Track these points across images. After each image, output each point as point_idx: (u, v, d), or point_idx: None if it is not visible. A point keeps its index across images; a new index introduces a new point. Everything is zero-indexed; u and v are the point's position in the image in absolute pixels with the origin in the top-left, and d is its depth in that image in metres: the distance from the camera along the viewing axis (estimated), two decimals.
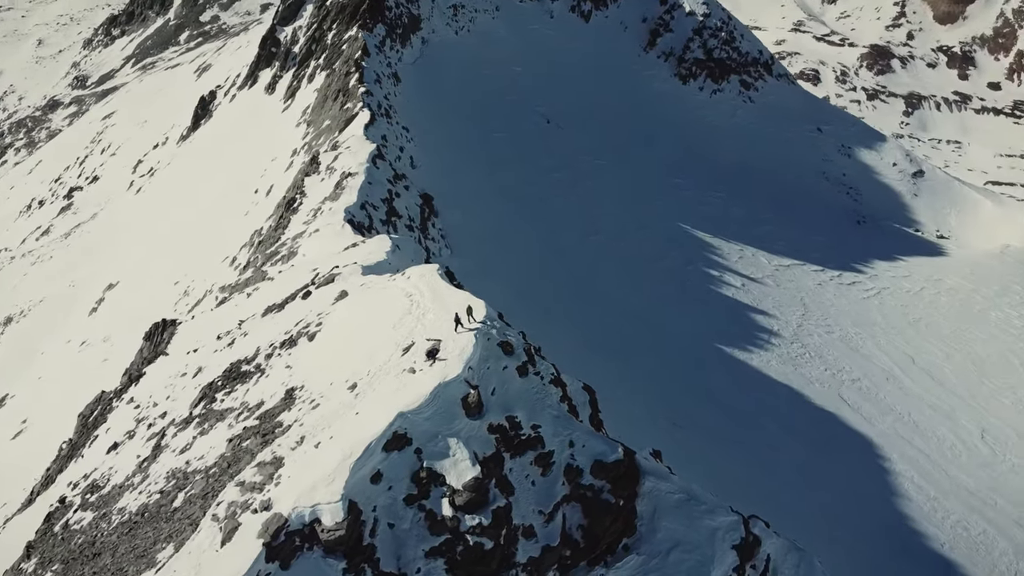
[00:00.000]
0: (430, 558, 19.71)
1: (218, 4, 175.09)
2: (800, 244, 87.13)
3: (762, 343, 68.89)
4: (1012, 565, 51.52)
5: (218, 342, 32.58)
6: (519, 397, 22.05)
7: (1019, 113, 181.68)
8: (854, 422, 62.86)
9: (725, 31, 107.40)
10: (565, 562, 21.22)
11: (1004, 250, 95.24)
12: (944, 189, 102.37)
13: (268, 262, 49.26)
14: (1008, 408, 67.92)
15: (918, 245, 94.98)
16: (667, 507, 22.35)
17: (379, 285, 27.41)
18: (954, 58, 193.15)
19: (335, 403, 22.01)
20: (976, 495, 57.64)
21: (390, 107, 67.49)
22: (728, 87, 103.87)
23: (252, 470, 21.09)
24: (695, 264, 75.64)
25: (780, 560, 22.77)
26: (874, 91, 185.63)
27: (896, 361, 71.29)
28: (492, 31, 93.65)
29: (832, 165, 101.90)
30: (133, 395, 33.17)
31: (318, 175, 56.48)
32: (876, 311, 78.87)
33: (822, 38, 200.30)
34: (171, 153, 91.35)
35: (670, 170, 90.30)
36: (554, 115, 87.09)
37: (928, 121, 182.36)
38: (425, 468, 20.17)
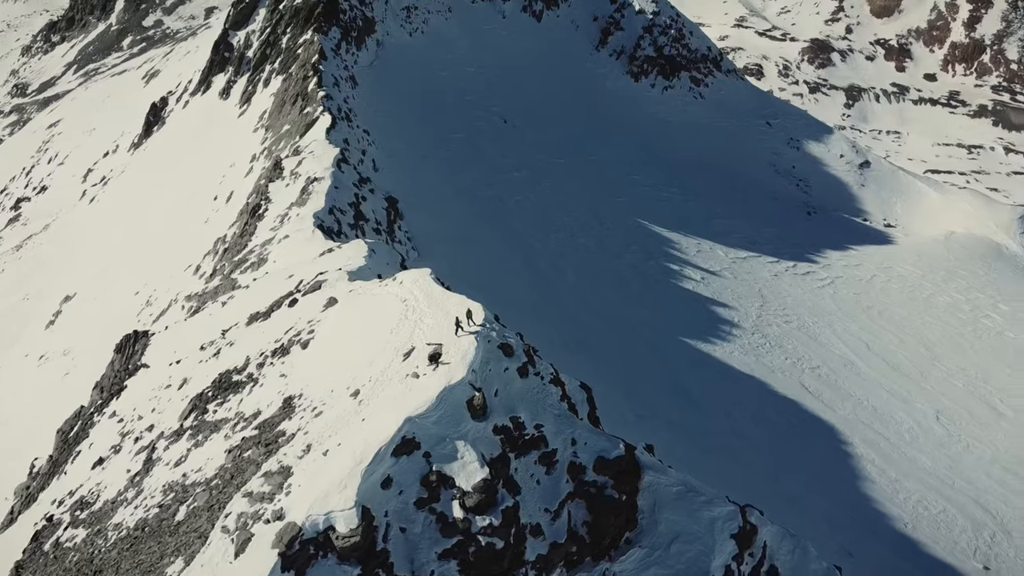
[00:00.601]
0: (443, 560, 20.05)
1: (161, 8, 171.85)
2: (754, 236, 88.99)
3: (724, 335, 70.26)
4: (972, 542, 53.35)
5: (202, 352, 32.37)
6: (521, 398, 22.51)
7: (954, 103, 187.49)
8: (816, 409, 64.47)
9: (674, 28, 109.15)
10: (572, 558, 21.76)
11: (948, 237, 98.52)
12: (889, 179, 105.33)
13: (236, 270, 48.90)
14: (960, 390, 70.34)
15: (867, 234, 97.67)
16: (666, 500, 23.03)
17: (371, 291, 27.57)
18: (891, 51, 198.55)
19: (339, 410, 22.18)
20: (934, 475, 59.58)
21: (350, 110, 67.32)
22: (679, 84, 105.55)
23: (259, 480, 21.18)
24: (655, 259, 76.80)
25: (776, 547, 23.65)
26: (816, 84, 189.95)
27: (852, 348, 73.26)
28: (445, 32, 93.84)
29: (782, 158, 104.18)
30: (115, 409, 32.79)
31: (282, 180, 56.15)
32: (831, 300, 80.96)
33: (764, 33, 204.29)
34: (123, 161, 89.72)
35: (626, 167, 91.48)
36: (510, 115, 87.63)
37: (868, 112, 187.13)
38: (435, 471, 20.49)
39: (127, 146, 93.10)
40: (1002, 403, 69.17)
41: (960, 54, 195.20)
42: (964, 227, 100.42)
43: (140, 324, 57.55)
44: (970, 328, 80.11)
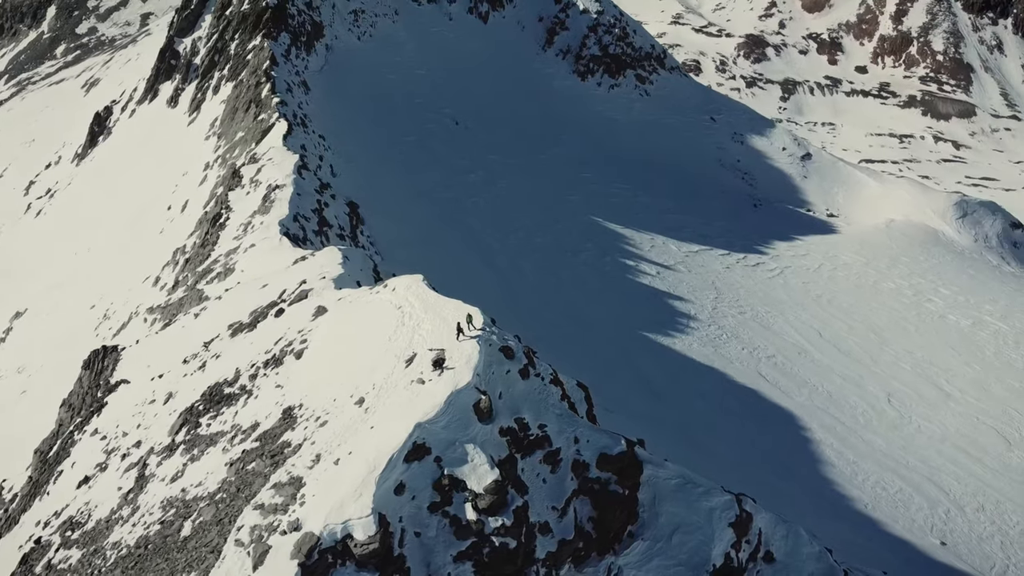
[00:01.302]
0: (458, 562, 20.44)
1: (95, 16, 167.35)
2: (705, 230, 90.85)
3: (682, 327, 71.70)
4: (928, 519, 55.32)
5: (185, 366, 32.11)
6: (524, 399, 23.02)
7: (885, 94, 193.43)
8: (774, 396, 66.19)
9: (619, 27, 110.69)
10: (579, 554, 22.37)
11: (889, 224, 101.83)
12: (830, 170, 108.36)
13: (202, 280, 48.44)
14: (908, 372, 72.83)
15: (811, 224, 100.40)
16: (666, 492, 23.80)
17: (362, 299, 27.74)
18: (823, 44, 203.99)
19: (345, 419, 22.40)
20: (889, 456, 61.61)
21: (305, 116, 66.97)
22: (625, 82, 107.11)
23: (269, 492, 21.29)
24: (611, 255, 77.93)
25: (770, 533, 24.62)
26: (752, 79, 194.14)
27: (805, 336, 75.32)
28: (393, 35, 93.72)
29: (727, 152, 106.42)
30: (97, 426, 32.35)
31: (242, 189, 55.69)
32: (781, 290, 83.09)
33: (700, 30, 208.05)
34: (69, 173, 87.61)
35: (577, 165, 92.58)
36: (462, 116, 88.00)
37: (803, 105, 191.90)
38: (446, 475, 20.86)
39: (70, 157, 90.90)
40: (948, 384, 71.75)
41: (889, 47, 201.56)
42: (903, 215, 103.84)
43: (100, 339, 56.55)
44: (914, 312, 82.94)
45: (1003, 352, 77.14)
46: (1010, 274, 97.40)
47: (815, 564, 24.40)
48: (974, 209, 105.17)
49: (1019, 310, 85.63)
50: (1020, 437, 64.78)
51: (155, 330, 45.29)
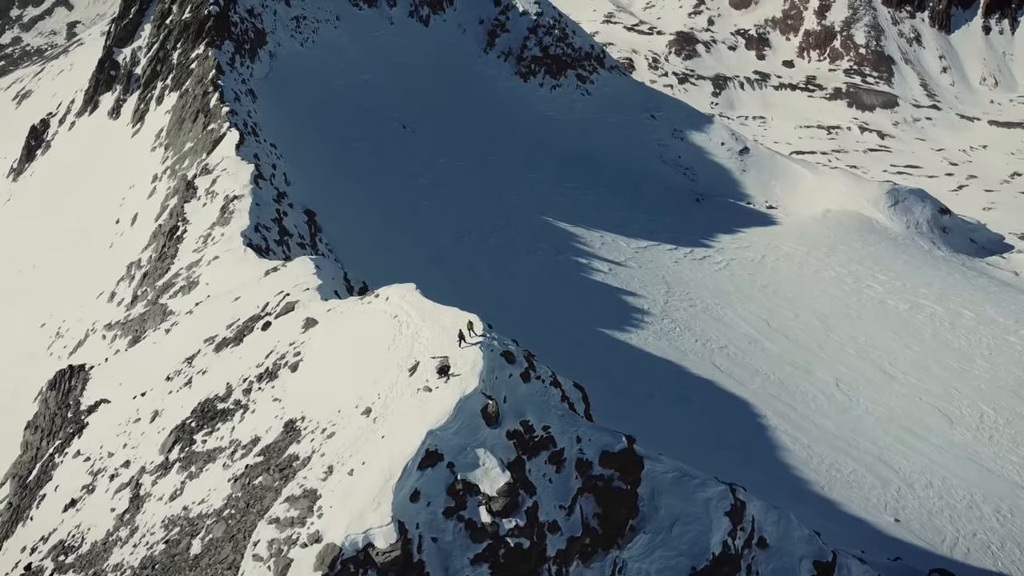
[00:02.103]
0: (476, 565, 20.94)
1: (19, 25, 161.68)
2: (651, 225, 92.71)
3: (637, 322, 73.15)
4: (881, 497, 57.55)
5: (169, 383, 31.86)
6: (527, 401, 23.64)
7: (812, 87, 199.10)
8: (729, 386, 68.02)
9: (558, 28, 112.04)
10: (586, 549, 23.12)
11: (825, 214, 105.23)
12: (768, 163, 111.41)
13: (164, 294, 47.86)
14: (853, 357, 75.47)
15: (752, 217, 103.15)
16: (664, 486, 24.71)
17: (354, 309, 27.95)
18: (751, 40, 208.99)
19: (353, 429, 22.70)
20: (841, 438, 63.82)
21: (255, 125, 66.36)
22: (566, 82, 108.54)
23: (283, 506, 21.50)
24: (564, 254, 79.03)
25: (763, 519, 25.75)
26: (684, 75, 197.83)
27: (754, 326, 77.48)
28: (336, 40, 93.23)
29: (668, 149, 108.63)
30: (79, 448, 31.88)
31: (198, 200, 55.05)
32: (728, 281, 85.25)
33: (632, 28, 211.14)
34: (7, 189, 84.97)
35: (524, 165, 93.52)
36: (408, 120, 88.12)
37: (734, 100, 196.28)
38: (460, 480, 21.35)
39: (6, 171, 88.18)
40: (891, 366, 74.57)
41: (814, 41, 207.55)
42: (838, 205, 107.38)
43: (55, 358, 55.40)
44: (855, 299, 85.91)
45: (940, 334, 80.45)
46: (941, 258, 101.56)
47: (805, 547, 25.60)
48: (905, 197, 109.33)
49: (952, 293, 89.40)
50: (961, 415, 67.62)
51: (121, 347, 44.62)
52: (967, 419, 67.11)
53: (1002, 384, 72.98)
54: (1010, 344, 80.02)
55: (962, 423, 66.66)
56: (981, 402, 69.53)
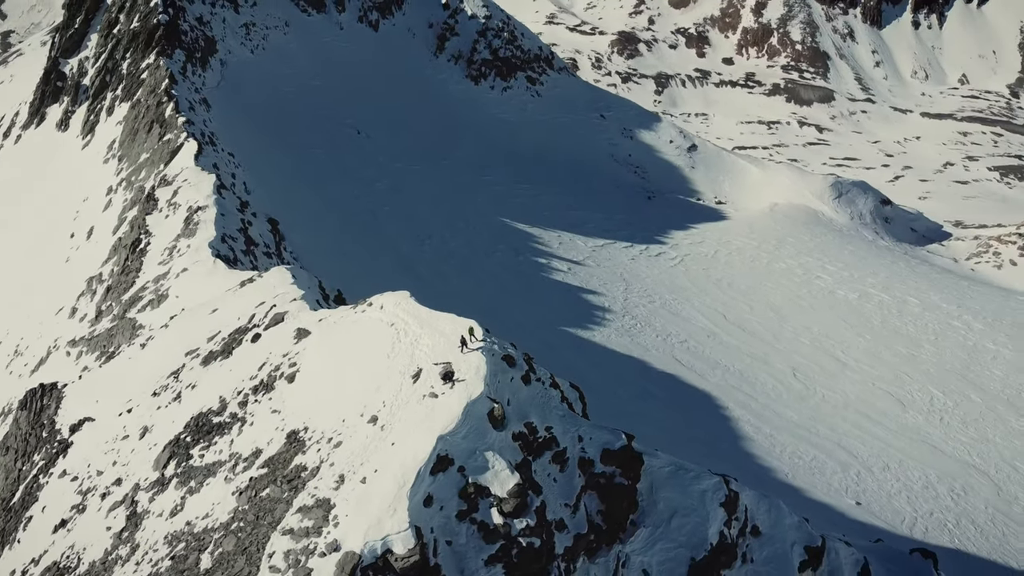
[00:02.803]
0: (490, 566, 21.44)
1: None
2: (607, 224, 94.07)
3: (599, 320, 74.25)
4: (842, 481, 59.36)
5: (157, 398, 31.65)
6: (529, 403, 24.23)
7: (751, 84, 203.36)
8: (691, 379, 69.48)
9: (507, 31, 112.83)
10: (591, 545, 23.81)
11: (773, 208, 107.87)
12: (715, 160, 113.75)
13: (132, 309, 47.32)
14: (808, 346, 77.61)
15: (703, 213, 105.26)
16: (661, 480, 25.53)
17: (348, 318, 28.17)
18: (691, 39, 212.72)
19: (360, 437, 23.00)
20: (801, 426, 65.63)
21: (212, 134, 65.71)
22: (516, 84, 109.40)
23: (296, 517, 21.74)
24: (524, 255, 79.77)
25: (755, 508, 26.76)
26: (627, 74, 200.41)
27: (712, 320, 79.17)
28: (285, 47, 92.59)
29: (618, 148, 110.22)
30: (64, 467, 31.49)
31: (160, 212, 54.44)
32: (684, 277, 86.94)
33: (575, 28, 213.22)
34: None
35: (478, 168, 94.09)
36: (363, 125, 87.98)
37: (677, 97, 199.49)
38: (471, 483, 21.84)
39: None
40: (844, 354, 76.85)
41: (751, 38, 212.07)
42: (785, 198, 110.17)
43: (16, 376, 54.28)
44: (806, 289, 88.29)
45: (889, 321, 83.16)
46: (885, 248, 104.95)
47: (796, 533, 26.67)
48: (848, 189, 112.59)
49: (898, 281, 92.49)
50: (912, 399, 69.99)
51: (90, 363, 44.03)
52: (918, 403, 69.45)
53: (949, 367, 75.76)
54: (954, 328, 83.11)
55: (914, 407, 68.95)
56: (930, 385, 72.08)
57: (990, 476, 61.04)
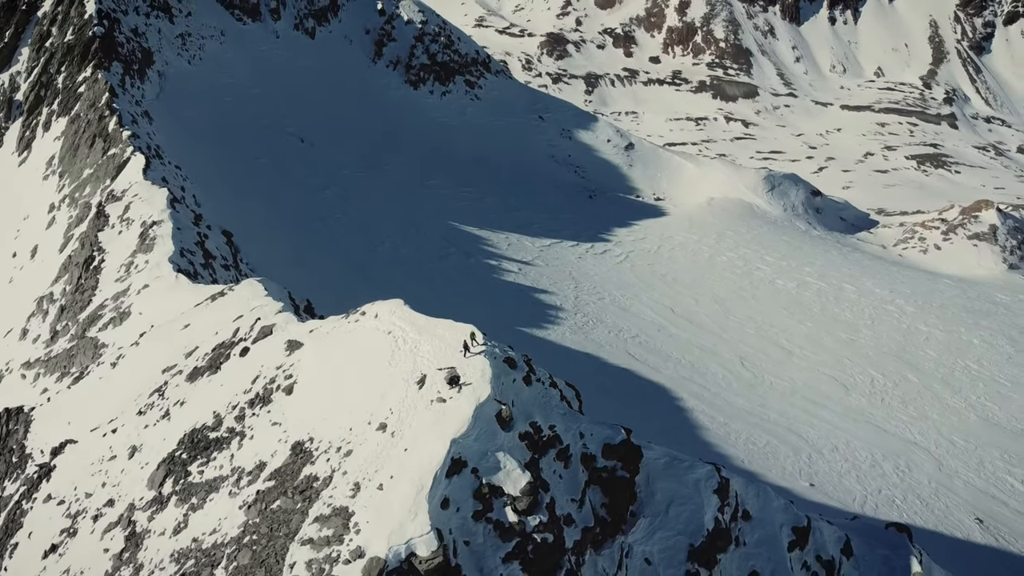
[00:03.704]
0: (507, 563, 22.14)
1: None
2: (551, 224, 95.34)
3: (552, 319, 75.34)
4: (795, 464, 61.48)
5: (143, 417, 31.37)
6: (532, 403, 25.00)
7: (678, 81, 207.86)
8: (645, 373, 71.01)
9: (443, 35, 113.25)
10: (597, 538, 24.71)
11: (710, 203, 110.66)
12: (652, 157, 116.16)
13: (92, 327, 46.55)
14: (753, 336, 79.99)
15: (643, 210, 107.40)
16: (657, 471, 26.59)
17: (341, 328, 28.42)
18: (618, 39, 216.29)
19: (372, 445, 23.42)
20: (752, 413, 67.66)
21: (157, 147, 64.65)
22: (455, 88, 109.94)
23: (314, 526, 22.10)
24: (474, 257, 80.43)
25: (744, 494, 28.02)
26: (557, 75, 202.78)
27: (660, 314, 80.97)
28: (222, 56, 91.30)
29: (558, 149, 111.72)
30: (49, 492, 30.99)
31: (112, 228, 53.50)
32: (630, 273, 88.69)
33: (504, 31, 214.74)
34: None
35: (423, 173, 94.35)
36: (306, 134, 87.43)
37: (607, 97, 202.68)
38: (485, 484, 22.51)
39: None
40: (788, 342, 79.46)
41: (677, 37, 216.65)
42: (720, 192, 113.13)
43: None
44: (747, 281, 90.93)
45: (827, 308, 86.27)
46: (818, 237, 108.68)
47: (783, 515, 28.04)
48: (780, 182, 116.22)
49: (832, 269, 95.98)
50: (854, 382, 72.79)
51: (49, 385, 43.19)
52: (860, 385, 72.23)
53: (886, 350, 78.99)
54: (888, 312, 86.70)
55: (856, 389, 71.65)
56: (870, 368, 75.03)
57: (931, 452, 63.80)
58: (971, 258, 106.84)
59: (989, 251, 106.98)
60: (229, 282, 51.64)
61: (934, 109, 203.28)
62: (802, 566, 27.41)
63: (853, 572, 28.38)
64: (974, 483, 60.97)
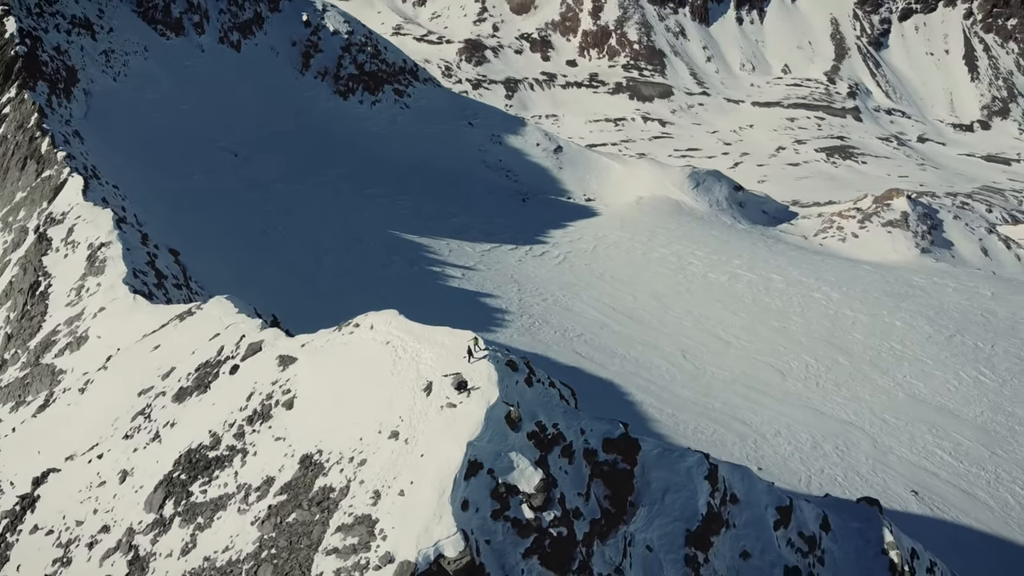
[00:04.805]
0: (527, 558, 23.08)
1: None
2: (489, 228, 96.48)
3: (500, 322, 76.39)
4: (742, 451, 63.79)
5: (130, 441, 31.08)
6: (535, 404, 25.98)
7: (595, 83, 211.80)
8: (593, 370, 72.62)
9: (370, 45, 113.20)
10: (603, 529, 25.90)
11: (639, 201, 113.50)
12: (580, 159, 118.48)
13: (45, 354, 45.60)
14: (692, 328, 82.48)
15: (575, 211, 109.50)
16: (652, 461, 27.91)
17: (336, 341, 28.79)
18: (535, 43, 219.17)
19: (386, 453, 24.02)
20: (698, 404, 69.82)
21: (93, 167, 63.22)
22: (384, 97, 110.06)
23: (337, 536, 22.63)
24: (418, 264, 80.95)
25: (731, 478, 29.57)
26: (477, 81, 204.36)
27: (602, 312, 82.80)
28: (147, 72, 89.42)
29: (488, 154, 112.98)
30: (36, 523, 30.44)
31: (57, 252, 52.31)
32: (569, 273, 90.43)
33: (422, 38, 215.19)
34: None
35: (359, 183, 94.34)
36: (239, 147, 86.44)
37: (527, 101, 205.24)
38: (501, 484, 23.43)
39: None
40: (725, 333, 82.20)
41: (592, 40, 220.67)
42: (648, 191, 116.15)
43: None
44: (681, 275, 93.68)
45: (759, 298, 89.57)
46: (743, 231, 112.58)
47: (767, 497, 29.68)
48: (704, 178, 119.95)
49: (760, 261, 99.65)
50: (790, 368, 75.78)
51: (6, 415, 42.14)
52: (795, 371, 75.21)
53: (816, 336, 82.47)
54: (815, 300, 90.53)
55: (792, 375, 74.57)
56: (803, 354, 78.22)
57: (866, 430, 66.97)
58: (886, 244, 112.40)
59: (903, 237, 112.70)
60: (181, 301, 51.19)
61: (839, 103, 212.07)
62: (787, 543, 29.08)
63: (832, 545, 30.23)
64: (907, 457, 64.16)
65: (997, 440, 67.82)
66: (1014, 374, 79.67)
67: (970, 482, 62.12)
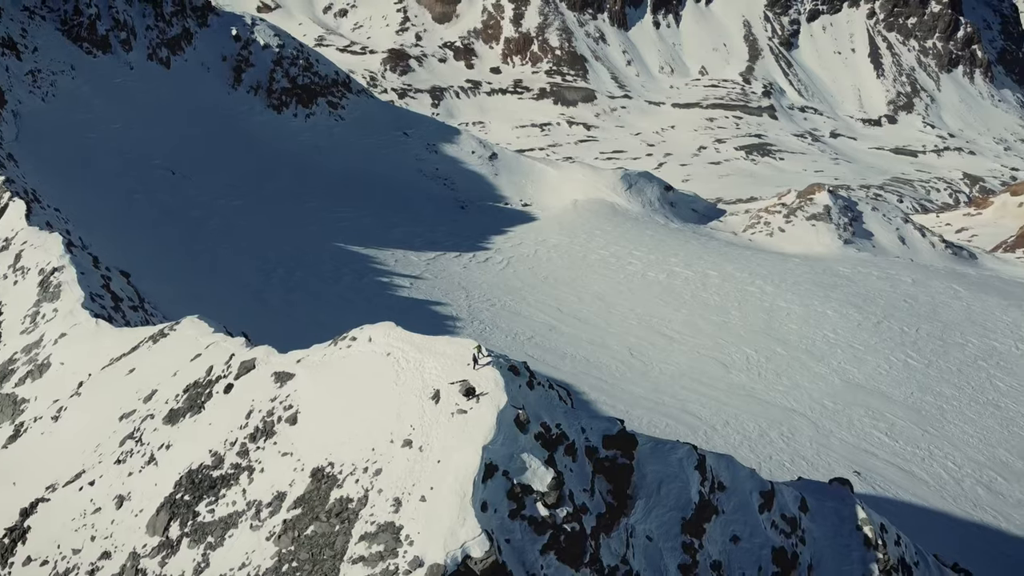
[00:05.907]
0: (544, 554, 24.21)
1: None
2: (431, 237, 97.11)
3: (450, 329, 77.06)
4: (695, 442, 65.26)
5: (123, 465, 30.88)
6: (539, 405, 27.04)
7: (520, 90, 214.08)
8: (546, 371, 73.53)
9: (302, 58, 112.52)
10: (607, 523, 27.17)
11: (575, 204, 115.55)
12: (515, 165, 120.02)
13: (5, 384, 44.61)
14: (636, 326, 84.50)
15: (514, 216, 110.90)
16: (646, 455, 29.30)
17: (334, 355, 29.24)
18: (458, 51, 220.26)
19: (401, 461, 24.74)
20: (648, 399, 71.72)
21: (34, 190, 61.74)
22: (319, 110, 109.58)
23: (361, 545, 23.32)
24: (367, 276, 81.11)
25: (717, 467, 31.20)
26: (403, 90, 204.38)
27: (549, 314, 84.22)
28: (76, 91, 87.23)
29: (425, 163, 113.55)
30: (29, 553, 30.01)
31: (4, 279, 51.09)
32: (514, 278, 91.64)
33: (345, 49, 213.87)
34: None
35: (299, 196, 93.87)
36: (175, 165, 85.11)
37: (453, 108, 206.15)
38: (516, 484, 24.48)
39: None
40: (668, 329, 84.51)
41: (514, 47, 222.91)
42: (583, 194, 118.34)
43: None
44: (622, 276, 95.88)
45: (698, 294, 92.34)
46: (676, 230, 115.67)
47: (751, 482, 31.37)
48: (636, 180, 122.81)
49: (695, 258, 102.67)
50: (732, 360, 78.43)
51: None
52: (738, 363, 77.85)
53: (754, 328, 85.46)
54: (751, 293, 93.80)
55: (735, 367, 77.16)
56: (744, 346, 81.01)
57: (808, 416, 69.88)
58: (811, 237, 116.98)
59: (826, 230, 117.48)
60: (140, 323, 50.62)
61: (755, 102, 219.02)
62: (771, 525, 30.81)
63: (811, 524, 32.14)
64: (847, 440, 67.21)
65: (928, 419, 71.57)
66: (938, 355, 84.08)
67: (906, 460, 65.50)
